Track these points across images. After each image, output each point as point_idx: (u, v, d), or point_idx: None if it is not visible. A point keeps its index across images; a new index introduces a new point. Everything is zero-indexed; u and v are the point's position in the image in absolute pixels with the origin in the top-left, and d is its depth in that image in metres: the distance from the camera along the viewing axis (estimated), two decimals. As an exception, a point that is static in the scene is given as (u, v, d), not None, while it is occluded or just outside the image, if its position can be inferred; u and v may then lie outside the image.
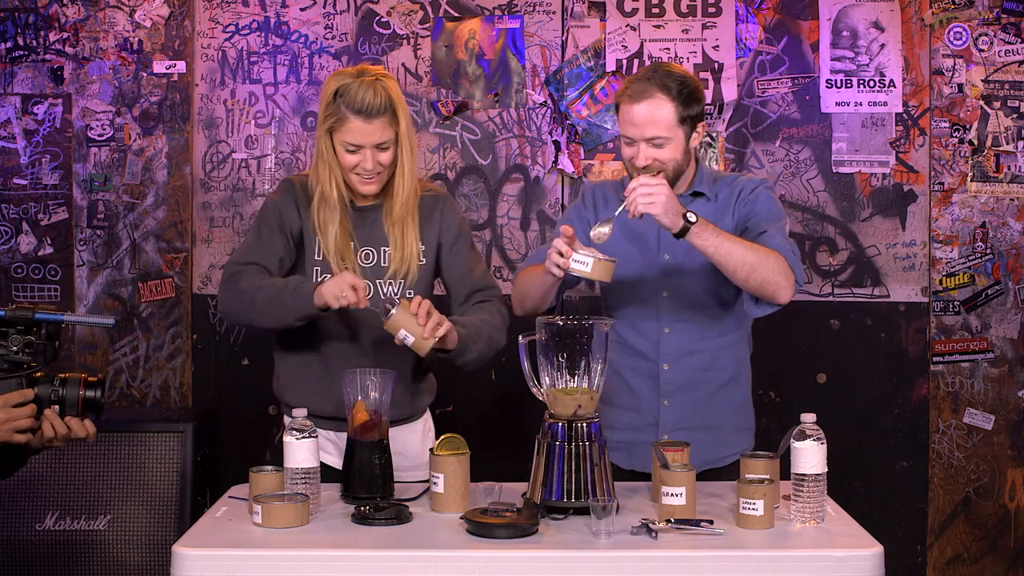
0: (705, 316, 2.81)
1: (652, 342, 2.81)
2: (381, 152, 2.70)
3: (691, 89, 2.71)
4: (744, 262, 2.60)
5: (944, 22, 3.94)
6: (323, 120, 2.70)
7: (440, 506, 2.48)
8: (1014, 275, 3.97)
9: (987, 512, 3.98)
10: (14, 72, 3.99)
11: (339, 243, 2.75)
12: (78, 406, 2.29)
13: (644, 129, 2.69)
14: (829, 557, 2.22)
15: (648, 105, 2.68)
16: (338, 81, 2.69)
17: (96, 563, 3.42)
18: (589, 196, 2.92)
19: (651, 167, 2.70)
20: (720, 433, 2.81)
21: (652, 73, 2.72)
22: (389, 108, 2.67)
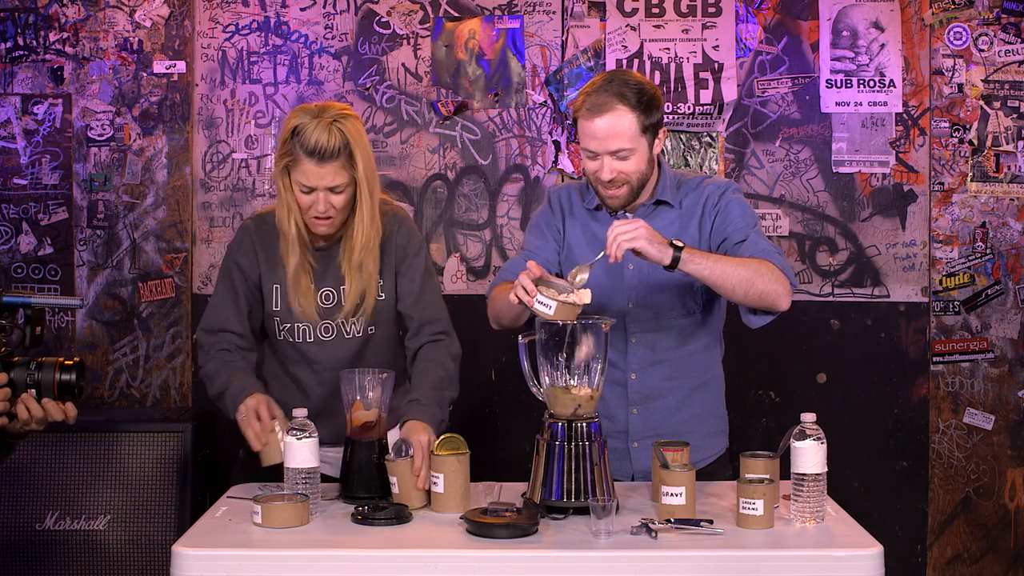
0: (671, 326, 2.78)
1: (619, 352, 2.79)
2: (334, 195, 2.65)
3: (650, 96, 2.66)
4: (740, 279, 2.57)
5: (944, 22, 3.94)
6: (279, 157, 2.66)
7: (440, 506, 2.48)
8: (1014, 275, 3.97)
9: (987, 512, 3.98)
10: (14, 72, 3.99)
11: (297, 280, 2.73)
12: (54, 389, 2.31)
13: (607, 143, 2.64)
14: (829, 557, 2.22)
15: (609, 118, 2.63)
16: (297, 119, 2.63)
17: (96, 563, 3.42)
18: (555, 201, 2.88)
19: (616, 180, 2.68)
20: (690, 438, 2.74)
21: (608, 84, 2.65)
22: (344, 151, 2.61)
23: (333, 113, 2.62)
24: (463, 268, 4.00)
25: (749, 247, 2.66)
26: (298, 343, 2.80)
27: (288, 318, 2.78)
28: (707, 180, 2.82)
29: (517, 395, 3.83)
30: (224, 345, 2.78)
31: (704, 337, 2.82)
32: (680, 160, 3.96)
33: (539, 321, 2.51)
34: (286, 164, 2.64)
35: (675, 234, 2.68)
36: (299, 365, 2.83)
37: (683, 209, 2.77)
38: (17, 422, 2.31)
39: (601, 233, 2.72)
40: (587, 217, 2.83)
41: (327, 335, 2.79)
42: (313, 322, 2.77)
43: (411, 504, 2.47)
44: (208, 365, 2.77)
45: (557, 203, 2.88)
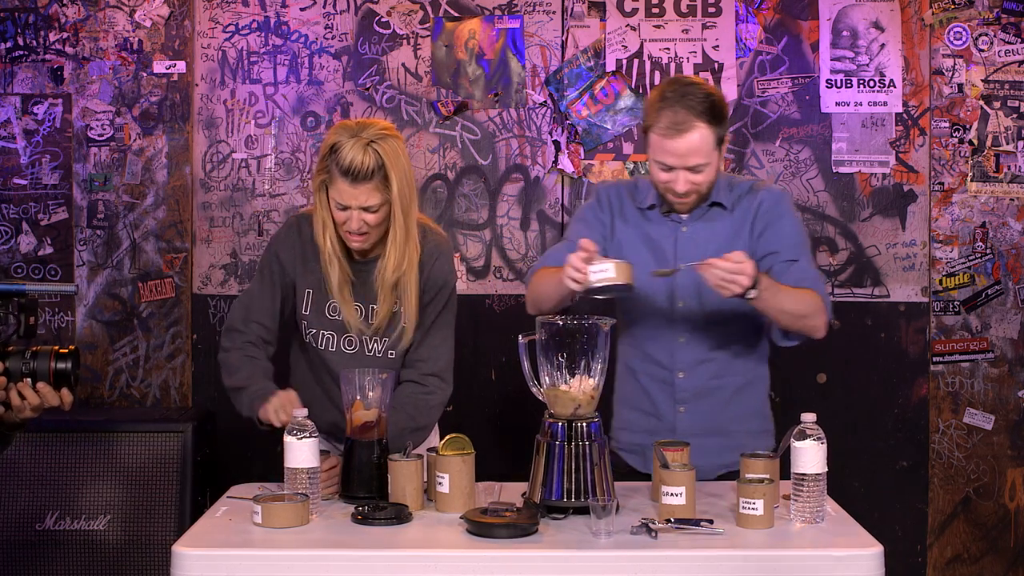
0: (720, 325, 2.80)
1: (667, 351, 2.81)
2: (368, 214, 2.65)
3: (721, 107, 2.69)
4: (793, 315, 2.66)
5: (944, 22, 3.94)
6: (317, 173, 2.68)
7: (445, 506, 2.48)
8: (1014, 275, 3.97)
9: (987, 512, 3.98)
10: (14, 72, 3.99)
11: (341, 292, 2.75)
12: (50, 378, 2.32)
13: (686, 159, 2.66)
14: (829, 557, 2.22)
15: (689, 137, 2.64)
16: (337, 136, 2.64)
17: (96, 563, 3.42)
18: (604, 198, 2.88)
19: (689, 191, 2.70)
20: (736, 437, 2.79)
21: (682, 98, 2.65)
22: (379, 172, 2.62)
23: (371, 133, 2.63)
24: (463, 268, 4.00)
25: (799, 272, 2.71)
26: (321, 350, 2.82)
27: (314, 324, 2.80)
28: (759, 184, 2.85)
29: (517, 395, 3.83)
30: (251, 337, 2.79)
31: (751, 336, 2.84)
32: (680, 160, 3.96)
33: (539, 321, 2.51)
34: (323, 180, 2.66)
35: (727, 237, 2.74)
36: (321, 371, 2.85)
37: (735, 214, 2.79)
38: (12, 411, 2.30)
39: (655, 233, 2.78)
40: (639, 217, 2.84)
41: (350, 348, 2.81)
42: (337, 333, 2.79)
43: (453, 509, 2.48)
44: (232, 354, 2.79)
45: (607, 200, 2.88)
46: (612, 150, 3.99)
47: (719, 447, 2.77)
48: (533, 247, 3.99)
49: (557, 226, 3.99)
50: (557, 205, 4.00)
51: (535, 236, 4.00)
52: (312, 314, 2.81)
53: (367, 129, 2.64)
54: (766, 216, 2.77)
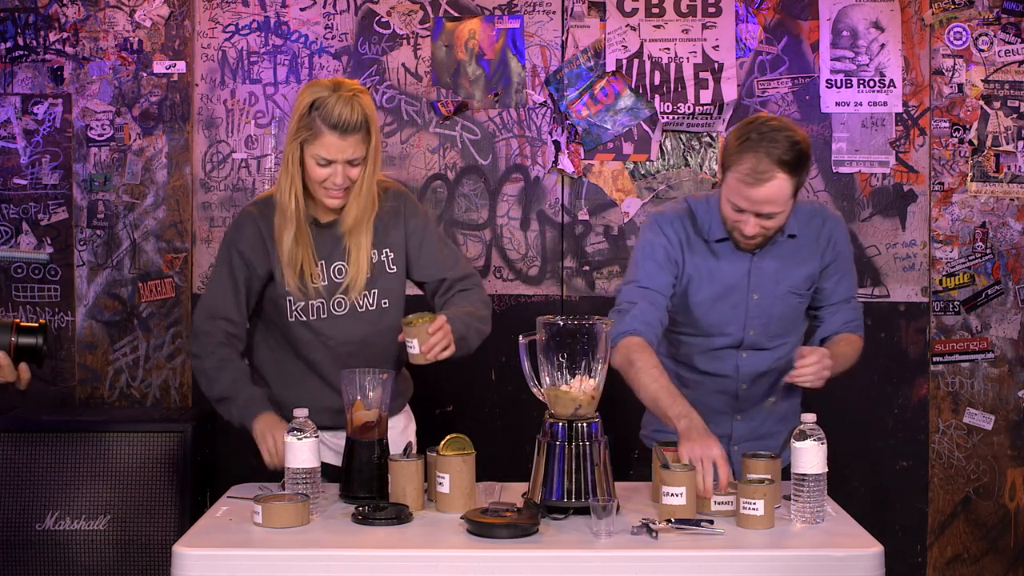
0: (782, 344, 2.85)
1: (731, 367, 2.84)
2: (352, 167, 2.69)
3: (806, 156, 2.63)
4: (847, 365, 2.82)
5: (944, 22, 3.94)
6: (295, 132, 2.68)
7: (445, 506, 2.48)
8: (1014, 275, 3.97)
9: (987, 512, 3.98)
10: (14, 72, 3.99)
11: (293, 255, 2.75)
12: (10, 352, 2.26)
13: (762, 207, 2.63)
14: (829, 557, 2.22)
15: (769, 187, 2.59)
16: (314, 93, 2.66)
17: (96, 563, 3.42)
18: (671, 231, 2.80)
19: (758, 234, 2.69)
20: (780, 438, 2.86)
21: (770, 144, 2.58)
22: (364, 125, 2.67)
23: (350, 87, 2.68)
24: (463, 268, 4.00)
25: (851, 311, 2.86)
26: (312, 321, 2.80)
27: (301, 297, 2.79)
28: (816, 207, 2.89)
29: (517, 395, 3.83)
30: (220, 337, 2.78)
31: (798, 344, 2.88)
32: (680, 160, 3.96)
33: (539, 321, 2.51)
34: (304, 138, 2.67)
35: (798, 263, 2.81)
36: (313, 347, 2.82)
37: (804, 240, 2.82)
38: None
39: (726, 266, 2.78)
40: (707, 250, 2.80)
41: (340, 309, 2.80)
42: (326, 297, 2.79)
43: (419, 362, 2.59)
44: (206, 361, 2.78)
45: (674, 234, 2.80)
46: (612, 150, 3.99)
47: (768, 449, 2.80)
48: (533, 247, 4.00)
49: (557, 226, 3.99)
50: (557, 205, 4.00)
51: (535, 236, 4.00)
52: (296, 288, 2.78)
53: (343, 85, 2.69)
54: (834, 249, 2.83)
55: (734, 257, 2.78)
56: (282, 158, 2.74)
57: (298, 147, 2.69)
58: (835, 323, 2.84)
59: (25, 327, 2.28)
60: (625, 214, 3.98)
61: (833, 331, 2.84)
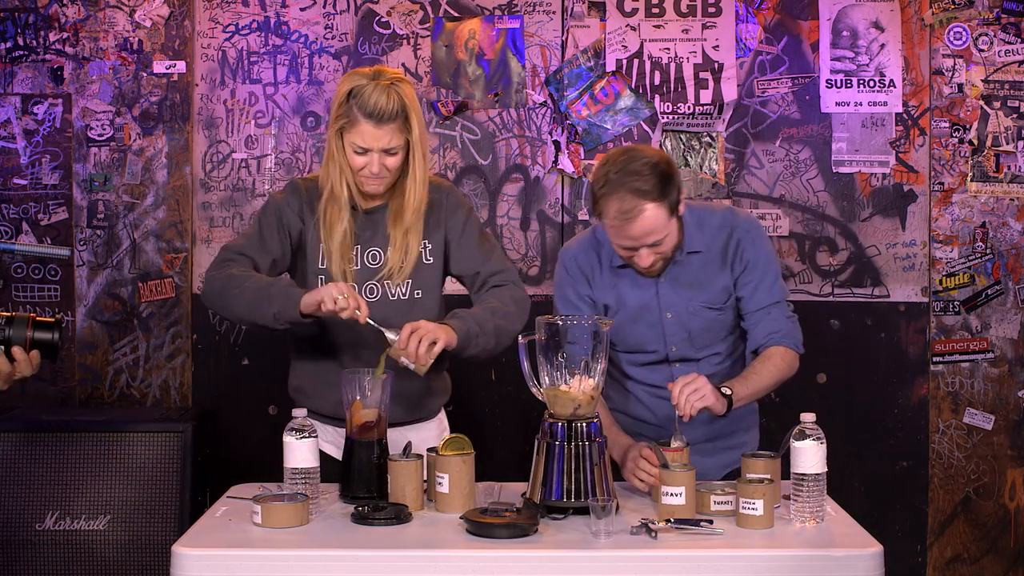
0: (716, 353, 2.85)
1: (665, 376, 2.82)
2: (389, 156, 2.68)
3: (666, 175, 2.61)
4: (770, 385, 2.74)
5: (944, 22, 3.94)
6: (334, 120, 2.69)
7: (445, 506, 2.48)
8: (1014, 275, 3.97)
9: (987, 512, 3.98)
10: (14, 72, 3.99)
11: (344, 243, 2.75)
12: (26, 347, 2.27)
13: (643, 240, 2.64)
14: (829, 557, 2.22)
15: (641, 222, 2.59)
16: (352, 82, 2.67)
17: (96, 563, 3.42)
18: (574, 267, 2.85)
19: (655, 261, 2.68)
20: (734, 437, 2.87)
21: (624, 177, 2.57)
22: (401, 114, 2.65)
23: (390, 76, 2.68)
24: (463, 268, 4.00)
25: (774, 320, 2.76)
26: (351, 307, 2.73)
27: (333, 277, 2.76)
28: (727, 218, 2.80)
29: (517, 395, 3.83)
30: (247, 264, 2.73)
31: (738, 347, 2.88)
32: (680, 160, 3.96)
33: (539, 321, 2.52)
34: (341, 126, 2.67)
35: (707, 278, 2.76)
36: (339, 327, 2.76)
37: (712, 252, 2.79)
38: None
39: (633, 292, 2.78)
40: (613, 277, 2.82)
41: (371, 296, 2.77)
42: (358, 283, 2.76)
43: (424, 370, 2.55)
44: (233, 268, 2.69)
45: (576, 270, 2.84)
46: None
47: (720, 449, 2.84)
48: (533, 247, 4.00)
49: (557, 226, 3.99)
50: (557, 205, 4.00)
51: (535, 236, 4.00)
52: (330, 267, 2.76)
53: (383, 74, 2.68)
54: (743, 259, 2.77)
55: (640, 280, 2.78)
56: (326, 147, 2.74)
57: (338, 135, 2.69)
58: (759, 335, 2.77)
59: (41, 322, 2.29)
60: (625, 214, 3.97)
61: (758, 344, 2.77)
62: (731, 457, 2.82)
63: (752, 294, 2.78)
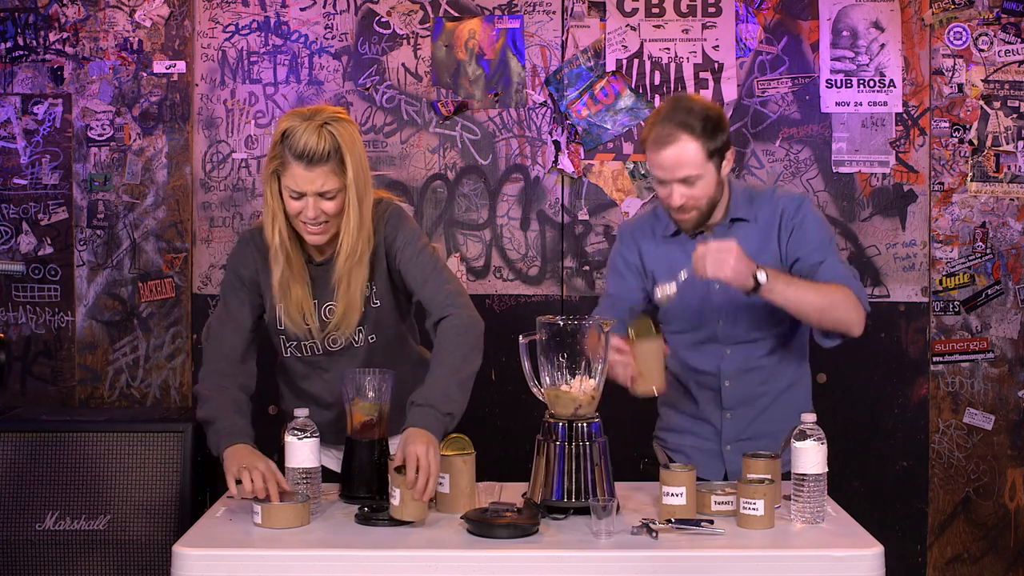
0: (762, 336, 2.82)
1: (713, 362, 2.82)
2: (325, 200, 2.55)
3: (714, 121, 2.68)
4: (817, 307, 2.63)
5: (944, 22, 3.94)
6: (268, 162, 2.58)
7: (446, 507, 2.48)
8: (1014, 275, 3.97)
9: (987, 512, 3.98)
10: (14, 72, 3.99)
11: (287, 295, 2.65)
12: None
13: (674, 171, 2.67)
14: (829, 557, 2.22)
15: (674, 149, 2.65)
16: (287, 122, 2.55)
17: (96, 563, 3.41)
18: (628, 237, 2.90)
19: (686, 206, 2.70)
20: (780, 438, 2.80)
21: (672, 112, 2.68)
22: (335, 155, 2.52)
23: (324, 116, 2.55)
24: (463, 268, 4.00)
25: (827, 271, 2.70)
26: (306, 357, 2.75)
27: (293, 336, 2.71)
28: (778, 191, 2.84)
29: (517, 395, 3.83)
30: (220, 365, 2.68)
31: (794, 342, 2.85)
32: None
33: (539, 321, 2.51)
34: (275, 168, 2.57)
35: (756, 249, 2.71)
36: (310, 379, 2.78)
37: (760, 223, 2.79)
38: None
39: (683, 256, 2.75)
40: (666, 245, 2.84)
41: (335, 346, 2.73)
42: (319, 338, 2.70)
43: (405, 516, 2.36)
44: (202, 384, 2.67)
45: (630, 238, 2.89)
46: (612, 150, 3.99)
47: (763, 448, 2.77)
48: (533, 247, 4.00)
49: (557, 226, 3.99)
50: (557, 205, 4.00)
51: (535, 236, 4.00)
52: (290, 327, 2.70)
53: (320, 113, 2.56)
54: (790, 223, 2.77)
55: (691, 248, 2.72)
56: (263, 193, 2.63)
57: (275, 179, 2.58)
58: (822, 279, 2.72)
59: None
60: (625, 214, 3.98)
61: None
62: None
63: (806, 254, 2.73)
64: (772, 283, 2.58)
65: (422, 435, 2.42)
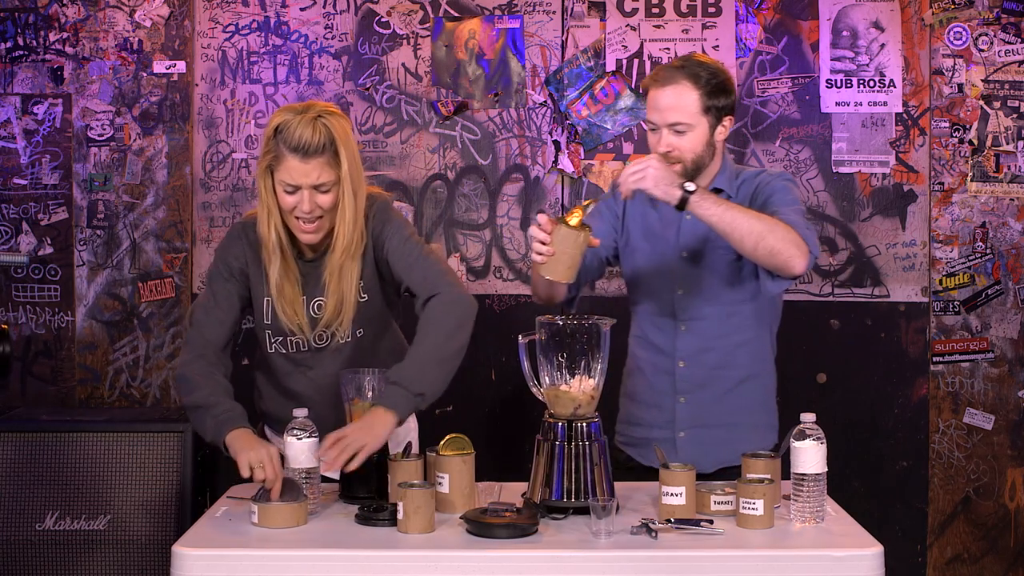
0: (722, 314, 2.78)
1: (669, 339, 2.80)
2: (320, 194, 2.55)
3: (721, 80, 2.70)
4: (751, 230, 2.53)
5: (944, 22, 3.94)
6: (262, 157, 2.58)
7: (445, 507, 2.48)
8: (1014, 275, 3.97)
9: (987, 512, 3.98)
10: (14, 72, 3.99)
11: (282, 291, 2.64)
12: None
13: (667, 114, 2.67)
14: (829, 557, 2.22)
15: (673, 90, 2.67)
16: (280, 117, 2.56)
17: (96, 563, 3.42)
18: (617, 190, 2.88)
19: (670, 155, 2.68)
20: (737, 431, 2.79)
21: (684, 61, 2.72)
22: (329, 147, 2.53)
23: (317, 110, 2.56)
24: (463, 268, 4.00)
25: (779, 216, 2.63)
26: (292, 354, 2.74)
27: (280, 331, 2.70)
28: (753, 173, 2.82)
29: (517, 395, 3.83)
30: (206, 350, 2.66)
31: (753, 328, 2.81)
32: (680, 160, 3.96)
33: (539, 321, 2.52)
34: (269, 163, 2.57)
35: None
36: (293, 377, 2.76)
37: (738, 199, 2.76)
38: None
39: (660, 221, 2.78)
40: (648, 207, 2.83)
41: (321, 343, 2.71)
42: (307, 333, 2.69)
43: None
44: (188, 368, 2.65)
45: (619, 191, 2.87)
46: (612, 150, 3.99)
47: (718, 440, 2.77)
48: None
49: (557, 226, 3.99)
50: (557, 205, 4.00)
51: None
52: (274, 323, 2.70)
53: (312, 108, 2.57)
54: (762, 193, 2.74)
55: (668, 212, 2.74)
56: (258, 189, 2.62)
57: (267, 174, 2.58)
58: None
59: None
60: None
61: None
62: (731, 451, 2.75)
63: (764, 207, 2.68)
64: (702, 197, 2.53)
65: (375, 420, 2.46)
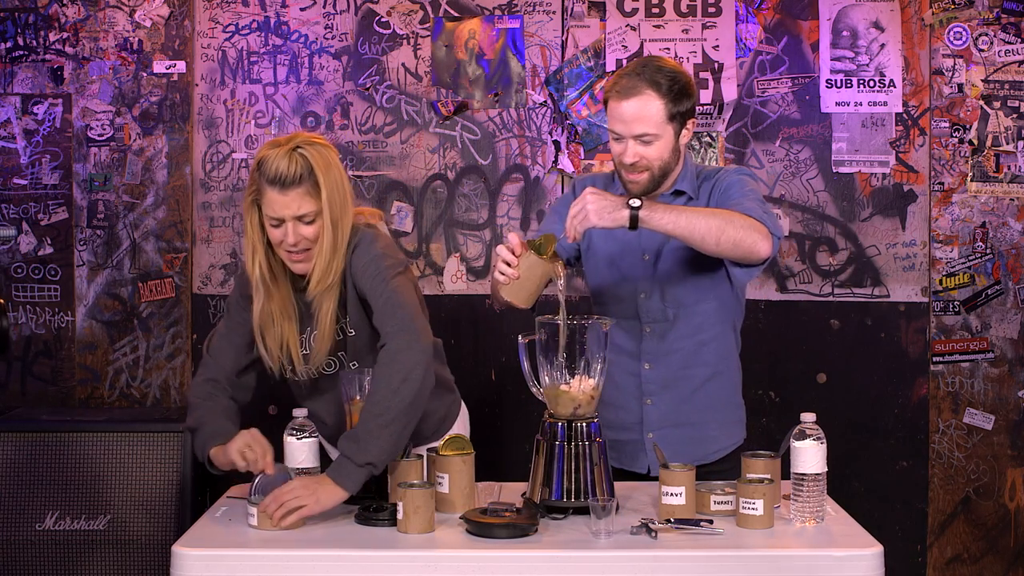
0: (685, 315, 2.78)
1: (634, 341, 2.80)
2: (304, 225, 2.53)
3: (682, 85, 2.67)
4: (708, 227, 2.49)
5: (944, 22, 3.94)
6: (247, 193, 2.58)
7: (445, 506, 2.48)
8: (1014, 275, 3.97)
9: (987, 512, 3.98)
10: (14, 72, 3.99)
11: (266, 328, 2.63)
12: None
13: (632, 126, 2.65)
14: (829, 557, 2.22)
15: (637, 102, 2.63)
16: (263, 151, 2.55)
17: (96, 563, 3.42)
18: (580, 188, 2.85)
19: (638, 164, 2.67)
20: (706, 429, 2.79)
21: (642, 68, 2.66)
22: (308, 178, 2.50)
23: (297, 141, 2.54)
24: (463, 268, 4.00)
25: (733, 208, 2.61)
26: (302, 380, 2.74)
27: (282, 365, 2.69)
28: (714, 171, 2.80)
29: (517, 395, 3.83)
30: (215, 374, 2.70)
31: (716, 326, 2.80)
32: (680, 160, 3.96)
33: (539, 321, 2.52)
34: (254, 198, 2.57)
35: None
36: (310, 399, 2.76)
37: (699, 200, 2.76)
38: None
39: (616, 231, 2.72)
40: None
41: (330, 369, 2.71)
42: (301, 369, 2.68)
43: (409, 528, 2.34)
44: (193, 390, 2.70)
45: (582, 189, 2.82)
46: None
47: (686, 439, 2.76)
48: (533, 247, 3.99)
49: (557, 226, 4.00)
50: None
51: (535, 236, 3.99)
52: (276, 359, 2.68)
53: (294, 139, 2.56)
54: (719, 189, 2.73)
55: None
56: (244, 226, 2.61)
57: (255, 209, 2.58)
58: None
59: None
60: (625, 214, 3.98)
61: None
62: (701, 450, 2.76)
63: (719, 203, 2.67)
64: (651, 209, 2.47)
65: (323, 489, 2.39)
